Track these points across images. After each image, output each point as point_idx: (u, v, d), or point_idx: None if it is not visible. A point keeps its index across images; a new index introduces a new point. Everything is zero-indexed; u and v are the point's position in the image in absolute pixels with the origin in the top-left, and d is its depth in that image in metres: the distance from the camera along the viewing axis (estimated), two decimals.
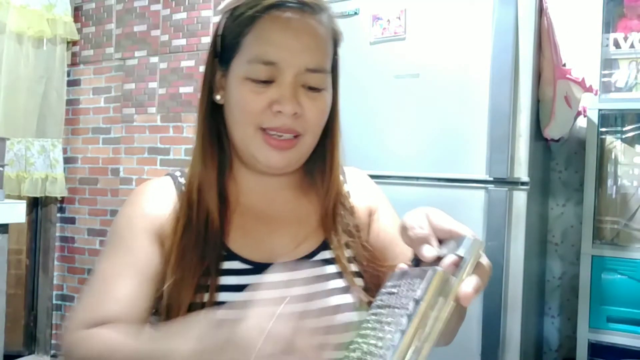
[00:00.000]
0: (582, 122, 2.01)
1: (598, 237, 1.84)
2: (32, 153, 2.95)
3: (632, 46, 1.82)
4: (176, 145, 2.81)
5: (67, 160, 3.14)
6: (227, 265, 0.73)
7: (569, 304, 2.13)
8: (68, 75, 3.12)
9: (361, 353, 0.51)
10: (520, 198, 1.62)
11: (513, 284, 1.61)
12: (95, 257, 3.04)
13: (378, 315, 0.54)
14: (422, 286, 0.50)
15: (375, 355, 0.49)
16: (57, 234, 3.18)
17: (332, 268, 0.76)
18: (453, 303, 0.50)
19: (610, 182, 1.87)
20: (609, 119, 1.88)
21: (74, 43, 3.16)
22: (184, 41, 2.82)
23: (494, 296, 1.57)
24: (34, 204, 3.10)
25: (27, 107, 2.90)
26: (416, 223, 0.59)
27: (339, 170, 0.83)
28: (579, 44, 2.00)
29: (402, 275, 0.56)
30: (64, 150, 3.12)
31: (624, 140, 1.87)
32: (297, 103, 0.71)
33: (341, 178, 0.84)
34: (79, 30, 3.14)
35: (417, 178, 1.74)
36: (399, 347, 0.47)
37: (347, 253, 0.78)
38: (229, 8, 0.75)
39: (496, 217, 1.59)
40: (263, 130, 0.72)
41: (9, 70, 2.79)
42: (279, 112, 0.71)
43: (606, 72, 1.85)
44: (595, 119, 1.84)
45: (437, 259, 0.55)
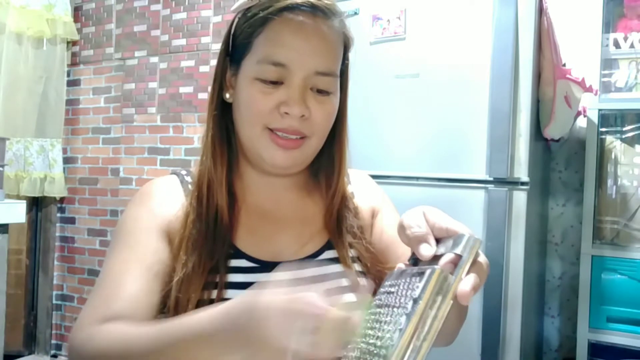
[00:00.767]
0: (582, 122, 2.01)
1: (598, 237, 1.83)
2: (30, 153, 2.95)
3: (632, 46, 1.82)
4: (176, 145, 2.80)
5: (67, 160, 3.14)
6: (234, 262, 0.73)
7: (569, 304, 2.13)
8: (68, 75, 3.12)
9: (360, 352, 0.51)
10: (520, 198, 1.62)
11: (513, 284, 1.60)
12: (95, 257, 3.04)
13: (376, 315, 0.54)
14: (420, 285, 0.50)
15: (374, 354, 0.49)
16: (57, 234, 3.18)
17: (336, 267, 0.77)
18: (452, 302, 0.50)
19: (610, 182, 1.87)
20: (609, 119, 1.88)
21: (73, 43, 3.16)
22: (184, 41, 2.82)
23: (494, 296, 1.57)
24: (32, 204, 3.10)
25: (27, 107, 2.90)
26: (414, 222, 0.59)
27: (346, 173, 0.84)
28: (579, 44, 2.00)
29: (400, 275, 0.56)
30: (64, 150, 3.12)
31: (623, 140, 1.87)
32: (305, 105, 0.72)
33: (345, 179, 0.84)
34: (79, 30, 3.14)
35: (417, 178, 1.74)
36: (398, 346, 0.47)
37: (351, 253, 0.79)
38: (243, 9, 0.76)
39: (496, 217, 1.59)
40: (270, 130, 0.73)
41: (9, 70, 2.79)
42: (286, 113, 0.72)
43: (606, 72, 1.85)
44: (595, 119, 1.84)
45: (435, 257, 0.55)
